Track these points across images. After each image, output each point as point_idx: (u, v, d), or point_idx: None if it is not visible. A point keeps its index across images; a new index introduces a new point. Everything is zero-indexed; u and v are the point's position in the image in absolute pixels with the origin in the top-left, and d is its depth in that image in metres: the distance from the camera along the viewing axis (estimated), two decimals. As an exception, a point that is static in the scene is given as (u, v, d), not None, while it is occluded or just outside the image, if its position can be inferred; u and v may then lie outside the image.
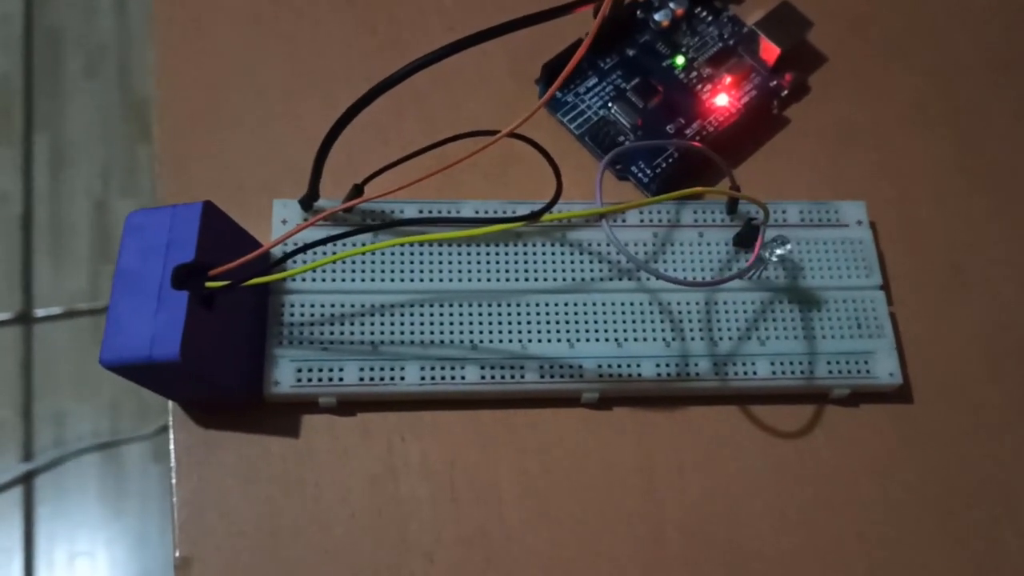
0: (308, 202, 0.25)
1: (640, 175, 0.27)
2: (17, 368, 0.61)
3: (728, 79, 0.28)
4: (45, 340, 0.62)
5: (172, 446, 0.24)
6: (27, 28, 0.70)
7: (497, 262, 0.25)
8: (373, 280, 0.25)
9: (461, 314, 0.24)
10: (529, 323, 0.25)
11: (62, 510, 0.58)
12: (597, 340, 0.25)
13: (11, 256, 0.64)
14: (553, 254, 0.26)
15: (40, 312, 0.63)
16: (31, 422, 0.60)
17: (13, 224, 0.65)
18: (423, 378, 0.24)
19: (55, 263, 0.64)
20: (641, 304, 0.25)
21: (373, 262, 0.25)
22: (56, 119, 0.68)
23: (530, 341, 0.24)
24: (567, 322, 0.25)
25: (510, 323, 0.25)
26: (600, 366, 0.24)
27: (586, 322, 0.25)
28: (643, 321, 0.25)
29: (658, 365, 0.25)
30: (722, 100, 0.28)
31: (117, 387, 0.59)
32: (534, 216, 0.21)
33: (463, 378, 0.24)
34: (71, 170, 0.66)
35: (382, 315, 0.24)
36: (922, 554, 0.24)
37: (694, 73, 0.29)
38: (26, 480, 0.59)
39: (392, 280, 0.25)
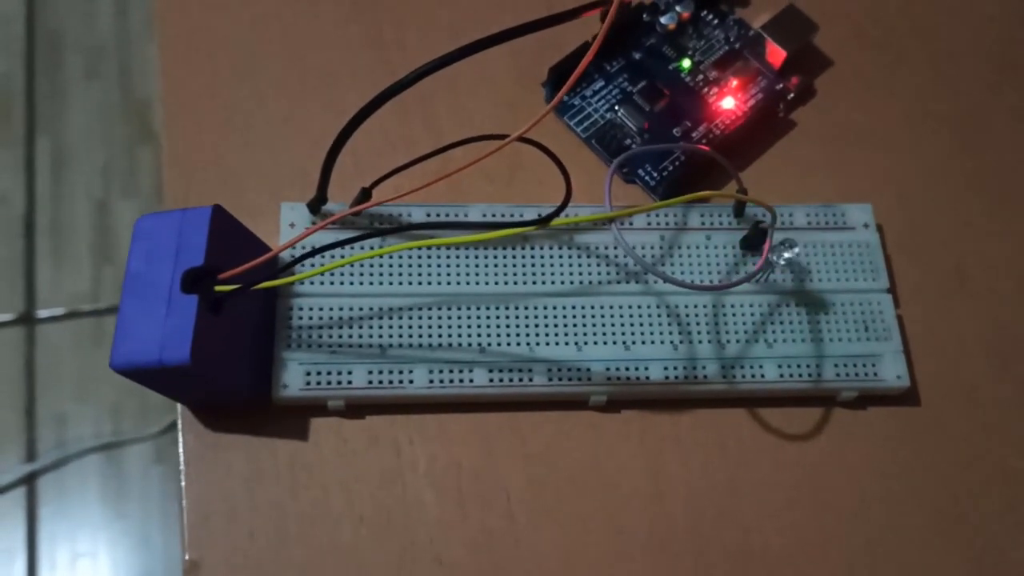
0: (316, 206, 0.25)
1: (647, 178, 0.27)
2: (19, 369, 0.61)
3: (734, 82, 0.28)
4: (47, 341, 0.62)
5: (181, 448, 0.24)
6: (28, 30, 0.70)
7: (505, 265, 0.25)
8: (381, 283, 0.25)
9: (469, 317, 0.25)
10: (537, 326, 0.25)
11: (64, 511, 0.58)
12: (605, 343, 0.25)
13: (13, 257, 0.64)
14: (561, 257, 0.26)
15: (42, 313, 0.63)
16: (33, 423, 0.60)
17: (15, 225, 0.65)
18: (431, 381, 0.24)
19: (57, 264, 0.64)
20: (649, 307, 0.25)
21: (381, 266, 0.25)
22: (57, 120, 0.68)
23: (538, 344, 0.24)
24: (575, 325, 0.25)
25: (518, 326, 0.25)
26: (608, 369, 0.24)
27: (594, 325, 0.25)
28: (651, 324, 0.25)
29: (666, 368, 0.25)
30: (728, 103, 0.28)
31: (119, 388, 0.59)
32: (545, 220, 0.22)
33: (471, 381, 0.24)
34: (72, 171, 0.66)
35: (390, 318, 0.24)
36: (929, 556, 0.24)
37: (700, 76, 0.29)
38: (28, 481, 0.59)
39: (400, 283, 0.25)
